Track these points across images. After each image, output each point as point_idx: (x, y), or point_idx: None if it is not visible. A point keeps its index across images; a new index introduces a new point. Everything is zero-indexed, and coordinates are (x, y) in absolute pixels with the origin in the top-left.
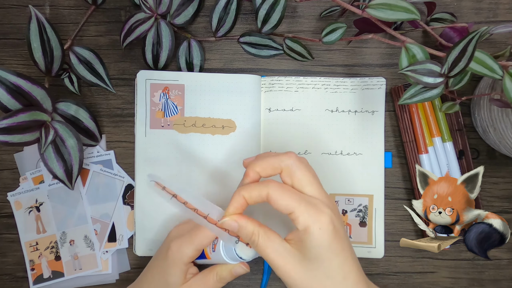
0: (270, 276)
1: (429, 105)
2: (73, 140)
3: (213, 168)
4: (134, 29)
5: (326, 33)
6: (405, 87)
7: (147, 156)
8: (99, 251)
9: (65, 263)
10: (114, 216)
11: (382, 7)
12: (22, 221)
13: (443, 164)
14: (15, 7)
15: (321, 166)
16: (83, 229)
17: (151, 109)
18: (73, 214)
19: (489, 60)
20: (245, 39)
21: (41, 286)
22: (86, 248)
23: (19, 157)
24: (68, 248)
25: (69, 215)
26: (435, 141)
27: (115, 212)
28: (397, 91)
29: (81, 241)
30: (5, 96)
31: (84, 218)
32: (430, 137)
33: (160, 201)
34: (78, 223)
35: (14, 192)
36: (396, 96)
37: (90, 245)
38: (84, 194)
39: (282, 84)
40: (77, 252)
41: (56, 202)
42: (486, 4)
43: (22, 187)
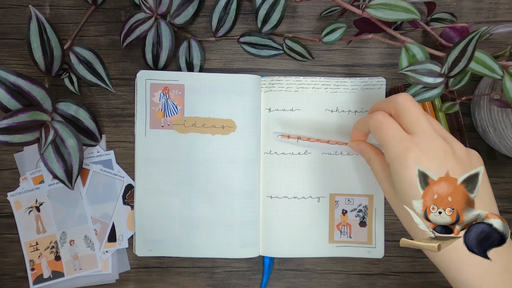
0: (270, 276)
1: (429, 106)
2: (73, 140)
3: (213, 168)
4: (134, 29)
5: (326, 33)
6: (405, 87)
7: (147, 156)
8: (99, 251)
9: (65, 263)
10: (114, 216)
11: (382, 7)
12: (22, 221)
13: None
14: (15, 7)
15: (321, 166)
16: (83, 229)
17: (151, 109)
18: (73, 214)
19: (489, 60)
20: (245, 39)
21: (41, 286)
22: (86, 248)
23: (19, 157)
24: (68, 248)
25: (69, 215)
26: None
27: (115, 212)
28: (397, 91)
29: (81, 241)
30: (5, 96)
31: (84, 218)
32: None
33: (160, 201)
34: (78, 223)
35: (14, 192)
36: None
37: (90, 245)
38: (84, 194)
39: (282, 84)
40: (77, 252)
41: (56, 202)
42: (486, 4)
43: (22, 187)
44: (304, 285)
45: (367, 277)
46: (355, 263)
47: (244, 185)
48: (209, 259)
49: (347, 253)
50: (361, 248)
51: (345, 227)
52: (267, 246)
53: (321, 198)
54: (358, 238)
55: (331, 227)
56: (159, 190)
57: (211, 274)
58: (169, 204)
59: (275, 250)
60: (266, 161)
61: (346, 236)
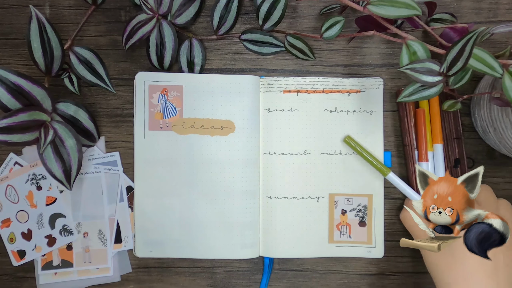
0: (271, 276)
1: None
2: (73, 140)
3: (213, 169)
4: (137, 31)
5: (326, 29)
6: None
7: (146, 158)
8: (111, 246)
9: (75, 254)
10: (118, 217)
11: (383, 4)
12: None
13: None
14: (15, 7)
15: (321, 166)
16: (99, 224)
17: (149, 110)
18: (91, 208)
19: (489, 58)
20: (246, 37)
21: (48, 273)
22: (99, 243)
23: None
24: (81, 240)
25: (88, 207)
26: (436, 147)
27: (119, 213)
28: (397, 94)
29: (95, 235)
30: (5, 95)
31: (102, 213)
32: (431, 144)
33: (159, 202)
34: (95, 217)
35: None
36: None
37: (103, 241)
38: (105, 190)
39: (281, 84)
40: (89, 245)
41: (76, 193)
42: (486, 4)
43: None
44: (304, 285)
45: (367, 277)
46: (355, 263)
47: (243, 185)
48: (209, 259)
49: (347, 253)
50: (361, 248)
51: (344, 227)
52: (267, 246)
53: (320, 198)
54: (358, 238)
55: (330, 227)
56: (158, 192)
57: (211, 274)
58: (168, 205)
59: (275, 250)
60: (265, 161)
61: (346, 236)
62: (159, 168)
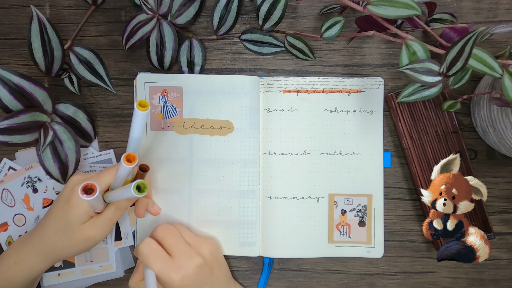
0: (270, 276)
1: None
2: (71, 142)
3: (213, 169)
4: (137, 31)
5: (326, 29)
6: (396, 95)
7: (148, 157)
8: (111, 244)
9: None
10: None
11: (383, 4)
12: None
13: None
14: (15, 7)
15: (320, 166)
16: None
17: (151, 111)
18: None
19: (489, 58)
20: (246, 37)
21: (51, 274)
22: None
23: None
24: None
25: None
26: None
27: None
28: (390, 99)
29: None
30: (7, 96)
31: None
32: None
33: (160, 200)
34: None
35: None
36: (390, 104)
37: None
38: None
39: (280, 84)
40: None
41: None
42: (486, 4)
43: None
44: (304, 285)
45: (367, 276)
46: (354, 263)
47: (243, 185)
48: None
49: (346, 253)
50: (361, 247)
51: (344, 227)
52: (267, 246)
53: (320, 198)
54: (358, 238)
55: (330, 227)
56: (159, 190)
57: None
58: (169, 203)
59: (275, 250)
60: (265, 161)
61: (346, 236)
62: (160, 167)
